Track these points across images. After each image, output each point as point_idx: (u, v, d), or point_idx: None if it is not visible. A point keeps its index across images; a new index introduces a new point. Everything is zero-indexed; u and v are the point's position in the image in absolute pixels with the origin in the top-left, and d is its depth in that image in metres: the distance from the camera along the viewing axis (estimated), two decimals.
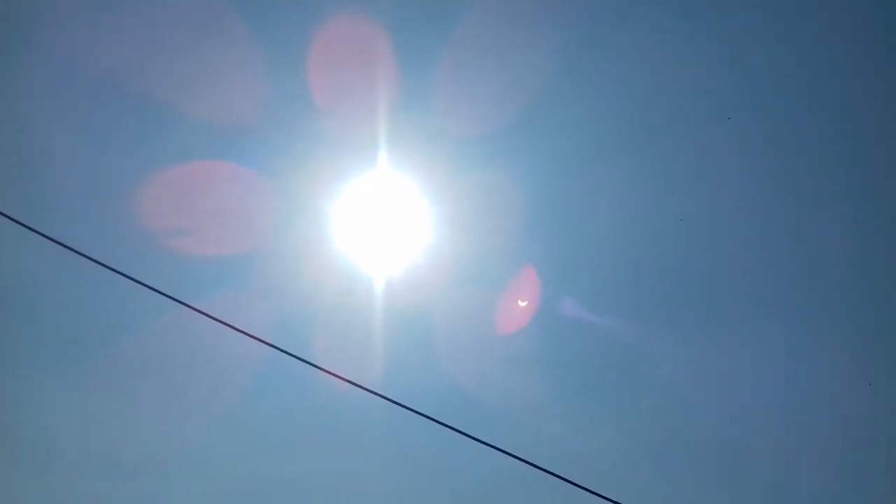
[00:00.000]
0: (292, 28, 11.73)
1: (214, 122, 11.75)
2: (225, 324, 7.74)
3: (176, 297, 7.78)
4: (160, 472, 12.11)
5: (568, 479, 6.96)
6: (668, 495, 12.08)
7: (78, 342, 12.18)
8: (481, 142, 12.05)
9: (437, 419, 7.41)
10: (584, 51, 12.08)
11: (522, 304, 12.27)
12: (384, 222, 12.05)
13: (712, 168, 12.42)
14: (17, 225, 7.64)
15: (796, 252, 12.51)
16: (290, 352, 7.65)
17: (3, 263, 11.58)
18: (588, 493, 6.98)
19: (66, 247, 7.77)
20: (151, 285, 7.74)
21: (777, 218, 12.46)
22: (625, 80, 12.17)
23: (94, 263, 7.76)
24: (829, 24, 11.92)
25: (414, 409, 7.47)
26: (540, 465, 7.08)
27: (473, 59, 11.82)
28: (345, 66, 11.69)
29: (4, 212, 7.55)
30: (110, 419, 12.11)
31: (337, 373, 7.68)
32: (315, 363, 7.69)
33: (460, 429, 7.34)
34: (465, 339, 12.50)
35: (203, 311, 7.76)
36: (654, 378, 12.62)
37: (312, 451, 12.42)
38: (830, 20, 11.90)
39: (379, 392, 7.57)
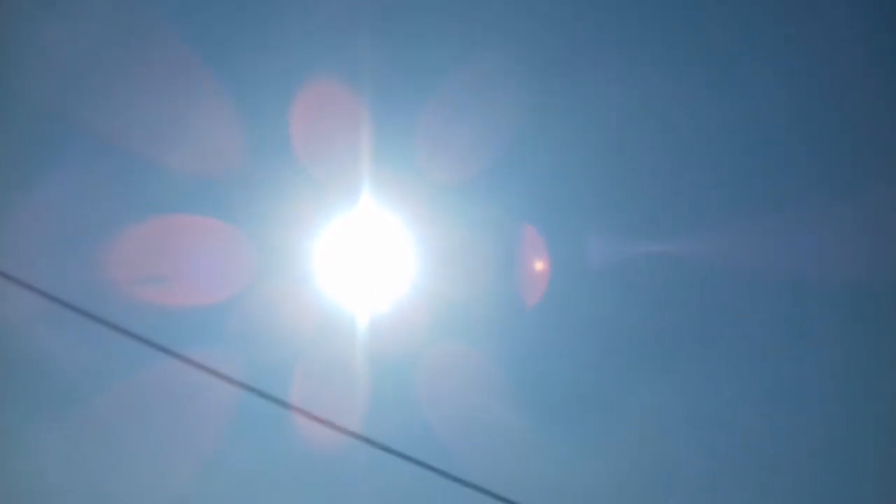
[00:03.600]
0: (273, 76, 11.83)
1: (194, 172, 11.76)
2: (208, 369, 7.69)
3: (155, 342, 7.73)
4: None
5: None
6: None
7: (57, 393, 12.00)
8: (464, 184, 12.13)
9: (423, 462, 7.35)
10: (566, 96, 12.24)
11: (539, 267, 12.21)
12: (366, 266, 12.06)
13: (706, 225, 12.52)
14: None
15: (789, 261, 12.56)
16: (273, 395, 7.58)
17: None
18: None
19: (44, 294, 7.71)
20: (131, 332, 7.68)
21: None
22: (608, 126, 12.32)
23: (72, 312, 7.69)
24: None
25: (399, 452, 7.41)
26: None
27: (455, 104, 11.94)
28: (321, 107, 11.77)
29: None
30: (91, 470, 11.90)
31: (322, 416, 7.62)
32: (298, 407, 7.63)
33: (448, 471, 7.29)
34: (450, 383, 12.43)
35: (183, 355, 7.71)
36: (648, 417, 12.56)
37: (296, 499, 12.23)
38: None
39: (364, 435, 7.52)
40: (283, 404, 7.63)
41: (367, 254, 12.04)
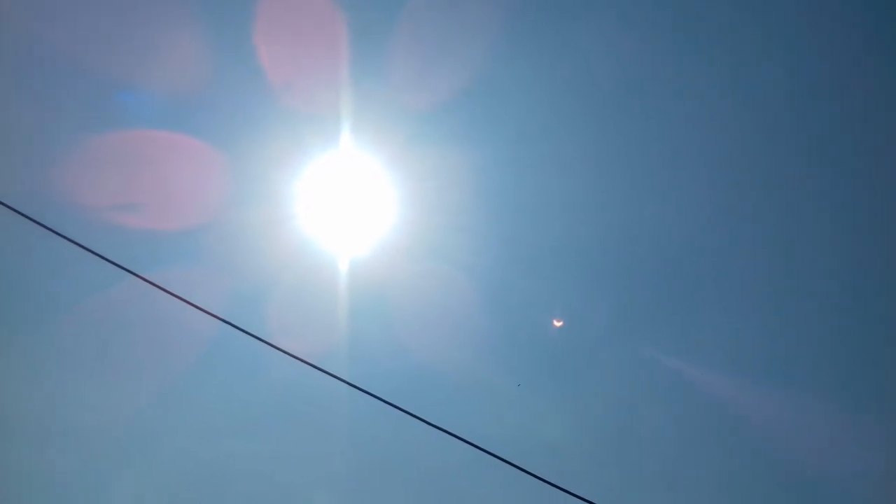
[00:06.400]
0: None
1: (167, 92, 11.48)
2: (180, 298, 7.54)
3: (131, 270, 7.56)
4: (107, 445, 11.89)
5: (525, 469, 6.86)
6: (627, 488, 12.12)
7: (27, 311, 11.89)
8: (439, 116, 11.83)
9: (393, 403, 7.26)
10: (548, 18, 11.93)
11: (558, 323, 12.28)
12: (344, 195, 11.83)
13: (670, 134, 12.36)
14: None
15: (776, 246, 12.52)
16: (243, 328, 7.45)
17: None
18: (545, 483, 6.90)
19: (18, 212, 7.50)
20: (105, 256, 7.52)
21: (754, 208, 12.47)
22: (592, 47, 12.04)
23: (46, 231, 7.52)
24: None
25: (371, 392, 7.32)
26: (498, 455, 6.97)
27: (432, 28, 11.65)
28: (299, 37, 11.47)
29: None
30: (57, 390, 11.86)
31: (291, 351, 7.49)
32: (267, 340, 7.49)
33: (417, 413, 7.21)
34: (427, 319, 12.36)
35: (158, 284, 7.55)
36: (616, 359, 12.61)
37: (267, 430, 12.26)
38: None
39: (335, 374, 7.41)
40: (257, 338, 7.48)
41: (344, 183, 11.81)
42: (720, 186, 12.44)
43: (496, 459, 7.00)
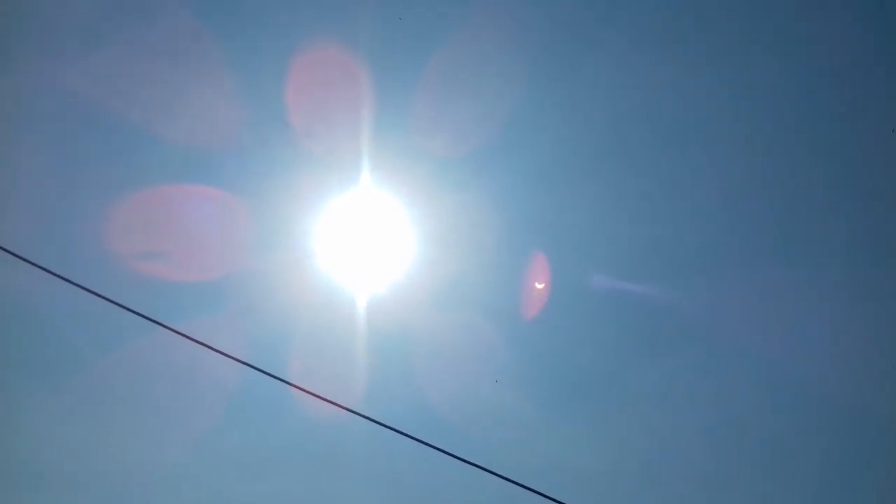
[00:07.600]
0: (269, 49, 11.73)
1: (193, 144, 11.69)
2: (207, 346, 7.65)
3: (157, 320, 7.69)
4: (138, 494, 11.95)
5: (556, 498, 6.89)
6: None
7: (54, 364, 12.02)
8: (463, 160, 12.07)
9: (421, 439, 7.33)
10: (565, 67, 12.14)
11: (539, 286, 12.25)
12: (365, 242, 12.02)
13: (698, 191, 12.48)
14: None
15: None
16: (273, 373, 7.56)
17: None
18: None
19: (42, 268, 7.65)
20: (132, 308, 7.64)
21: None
22: (608, 95, 12.25)
23: (73, 286, 7.65)
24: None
25: (397, 429, 7.39)
26: (525, 485, 7.02)
27: (453, 77, 11.86)
28: (322, 85, 11.69)
29: None
30: (87, 440, 11.94)
31: (320, 393, 7.59)
32: (297, 384, 7.60)
33: (445, 448, 7.27)
34: (449, 359, 12.43)
35: (185, 333, 7.67)
36: (642, 396, 12.60)
37: (294, 473, 12.29)
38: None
39: (363, 413, 7.49)
40: (282, 380, 7.60)
41: (365, 230, 11.99)
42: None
43: (528, 491, 7.04)
